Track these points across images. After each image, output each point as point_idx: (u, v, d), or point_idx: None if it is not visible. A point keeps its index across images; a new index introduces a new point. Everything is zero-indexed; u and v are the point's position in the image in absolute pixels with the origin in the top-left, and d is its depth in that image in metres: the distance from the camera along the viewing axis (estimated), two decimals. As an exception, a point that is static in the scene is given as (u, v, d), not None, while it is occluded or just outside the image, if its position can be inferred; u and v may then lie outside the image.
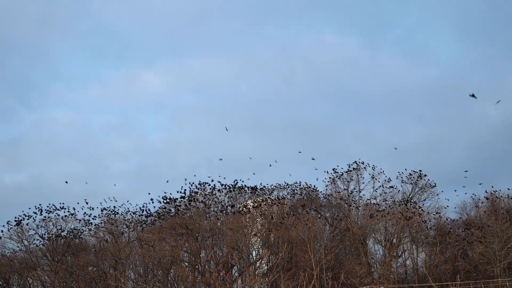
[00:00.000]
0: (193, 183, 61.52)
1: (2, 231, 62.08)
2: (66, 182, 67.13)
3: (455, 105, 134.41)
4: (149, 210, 63.88)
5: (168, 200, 61.51)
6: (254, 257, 53.54)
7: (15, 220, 61.09)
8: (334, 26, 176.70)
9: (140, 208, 64.04)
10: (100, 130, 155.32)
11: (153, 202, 62.67)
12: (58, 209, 63.11)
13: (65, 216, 64.02)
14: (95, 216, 63.94)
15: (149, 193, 64.73)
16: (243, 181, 62.71)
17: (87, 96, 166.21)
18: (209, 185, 61.69)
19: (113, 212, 64.65)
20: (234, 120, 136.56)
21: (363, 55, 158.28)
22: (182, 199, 60.55)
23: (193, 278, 50.23)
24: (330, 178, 60.84)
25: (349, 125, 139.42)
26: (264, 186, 64.36)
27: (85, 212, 64.36)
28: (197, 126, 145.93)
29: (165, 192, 61.71)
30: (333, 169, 60.77)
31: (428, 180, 60.38)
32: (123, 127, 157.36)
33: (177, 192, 61.00)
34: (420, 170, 59.94)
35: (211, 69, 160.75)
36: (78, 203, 63.49)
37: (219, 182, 61.85)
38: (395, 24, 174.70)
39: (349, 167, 60.25)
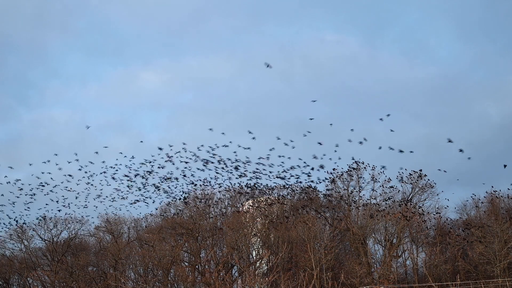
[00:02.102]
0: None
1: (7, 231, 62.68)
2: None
3: (455, 104, 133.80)
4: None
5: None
6: (254, 257, 53.54)
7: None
8: (333, 24, 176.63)
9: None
10: (98, 129, 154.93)
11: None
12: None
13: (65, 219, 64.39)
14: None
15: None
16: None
17: (84, 94, 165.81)
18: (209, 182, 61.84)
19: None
20: (232, 119, 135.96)
21: (363, 54, 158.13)
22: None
23: (193, 278, 50.23)
24: (330, 178, 60.76)
25: (349, 123, 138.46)
26: (264, 186, 64.22)
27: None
28: (196, 125, 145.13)
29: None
30: (333, 169, 60.67)
31: (428, 180, 60.35)
32: (121, 126, 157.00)
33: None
34: (420, 170, 59.83)
35: (209, 67, 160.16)
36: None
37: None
38: (394, 22, 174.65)
39: (349, 167, 60.13)
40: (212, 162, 59.51)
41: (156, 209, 65.91)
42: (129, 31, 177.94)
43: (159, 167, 61.01)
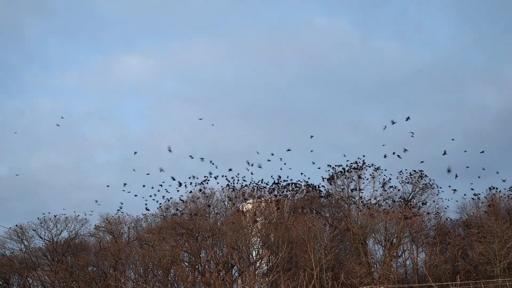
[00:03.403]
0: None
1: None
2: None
3: (453, 92, 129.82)
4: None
5: None
6: (254, 257, 53.52)
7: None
8: (323, 6, 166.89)
9: None
10: (81, 118, 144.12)
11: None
12: None
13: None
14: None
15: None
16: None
17: (65, 81, 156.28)
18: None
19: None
20: (219, 107, 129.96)
21: (355, 37, 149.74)
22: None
23: (193, 278, 50.21)
24: (330, 177, 60.61)
25: (341, 112, 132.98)
26: (264, 185, 64.09)
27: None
28: (182, 113, 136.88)
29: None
30: (333, 168, 60.54)
31: (430, 180, 60.31)
32: (104, 114, 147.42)
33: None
34: (421, 170, 59.84)
35: (195, 51, 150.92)
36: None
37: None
38: (388, 3, 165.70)
39: (349, 167, 59.99)
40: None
41: (158, 208, 65.68)
42: (108, 11, 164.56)
43: None
